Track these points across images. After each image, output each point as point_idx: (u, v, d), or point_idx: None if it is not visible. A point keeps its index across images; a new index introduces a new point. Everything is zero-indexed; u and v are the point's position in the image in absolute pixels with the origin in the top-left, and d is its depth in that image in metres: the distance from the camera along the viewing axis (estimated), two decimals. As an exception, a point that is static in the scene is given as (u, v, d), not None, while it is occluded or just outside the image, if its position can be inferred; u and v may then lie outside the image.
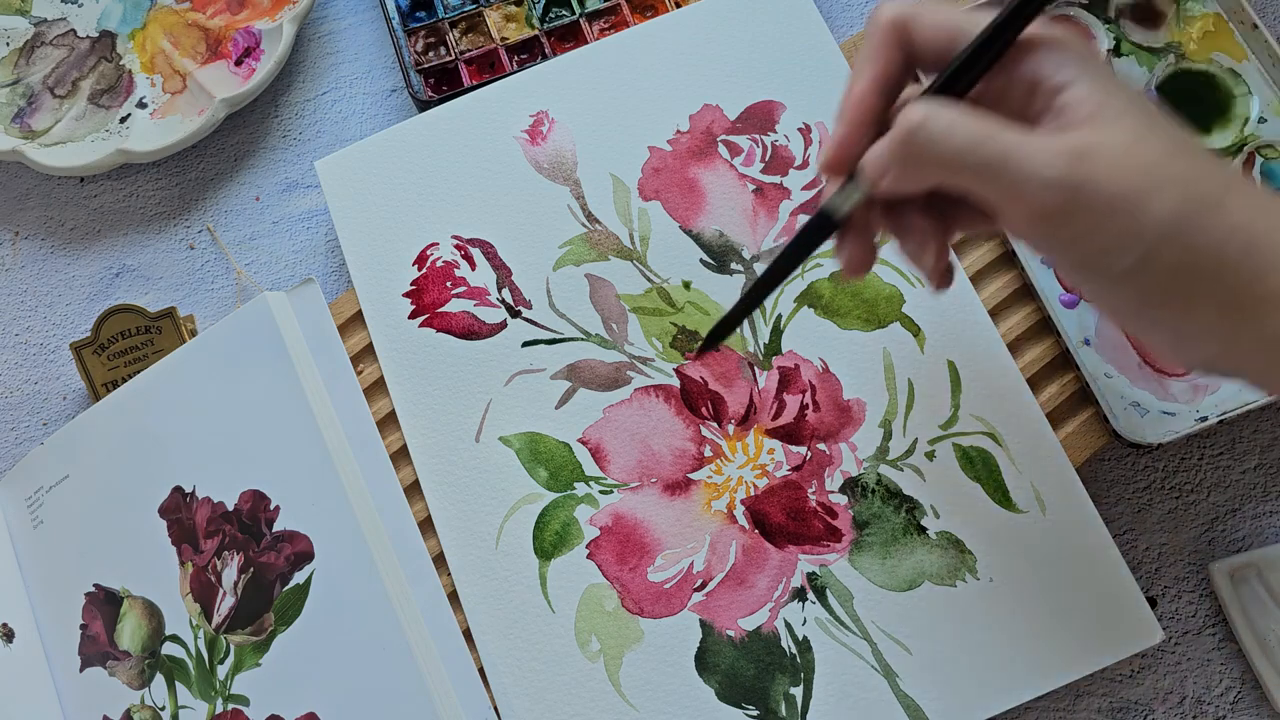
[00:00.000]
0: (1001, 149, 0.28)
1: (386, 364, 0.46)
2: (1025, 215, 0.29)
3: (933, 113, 0.29)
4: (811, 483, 0.43)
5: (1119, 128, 0.28)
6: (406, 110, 0.55)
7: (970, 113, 0.29)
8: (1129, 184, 0.28)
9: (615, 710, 0.40)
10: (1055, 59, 0.30)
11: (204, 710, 0.43)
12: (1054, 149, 0.28)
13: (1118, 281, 0.29)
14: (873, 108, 0.32)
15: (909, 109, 0.30)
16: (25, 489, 0.48)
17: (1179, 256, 0.28)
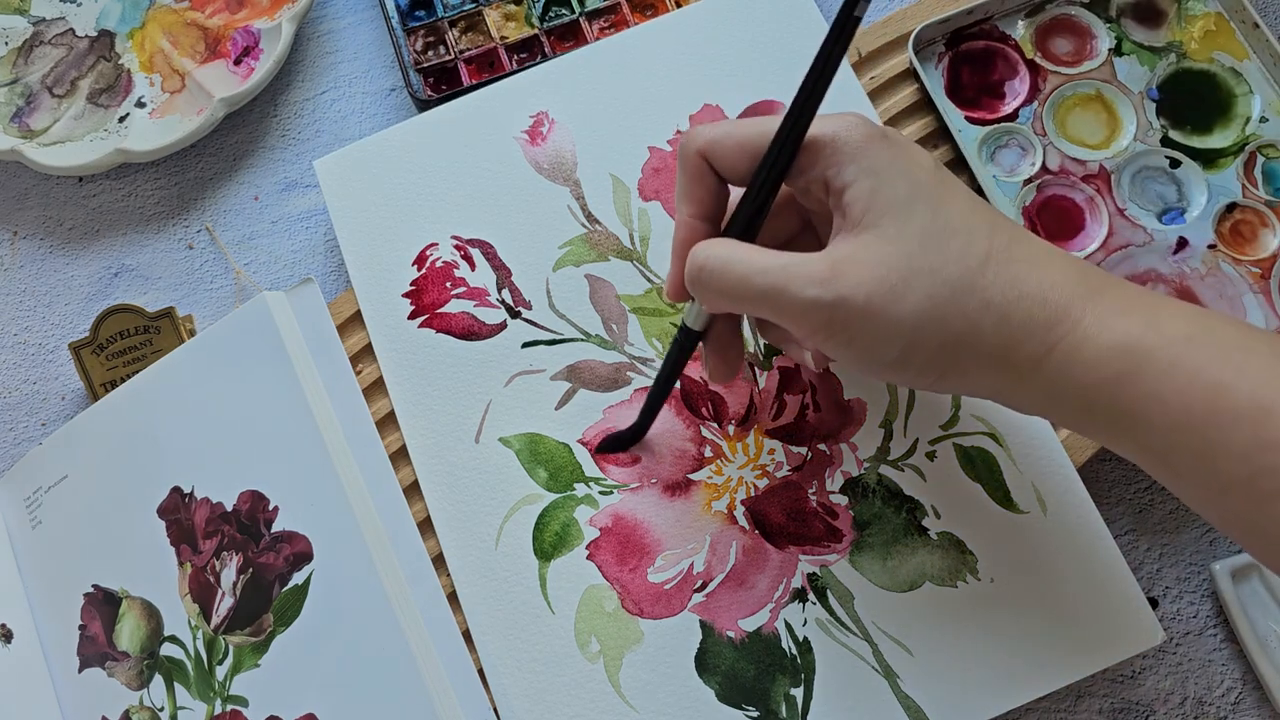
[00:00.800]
0: (770, 281, 0.32)
1: (386, 364, 0.46)
2: (802, 331, 0.32)
3: (707, 255, 0.33)
4: (812, 483, 0.43)
5: (874, 233, 0.31)
6: (406, 110, 0.55)
7: (743, 250, 0.33)
8: (876, 291, 0.31)
9: (615, 711, 0.40)
10: (836, 159, 0.32)
11: (203, 711, 0.43)
12: (811, 273, 0.31)
13: (894, 369, 0.32)
14: (700, 237, 0.35)
15: (693, 251, 0.34)
16: (24, 489, 0.48)
17: (938, 340, 0.31)
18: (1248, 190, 0.46)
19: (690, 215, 0.35)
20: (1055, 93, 0.49)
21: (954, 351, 0.31)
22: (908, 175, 0.32)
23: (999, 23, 0.50)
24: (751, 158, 0.34)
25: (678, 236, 0.36)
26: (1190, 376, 0.29)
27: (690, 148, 0.35)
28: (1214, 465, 0.29)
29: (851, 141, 0.32)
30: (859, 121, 0.32)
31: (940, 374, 0.32)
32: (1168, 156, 0.47)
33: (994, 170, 0.48)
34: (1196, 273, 0.45)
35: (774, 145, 0.33)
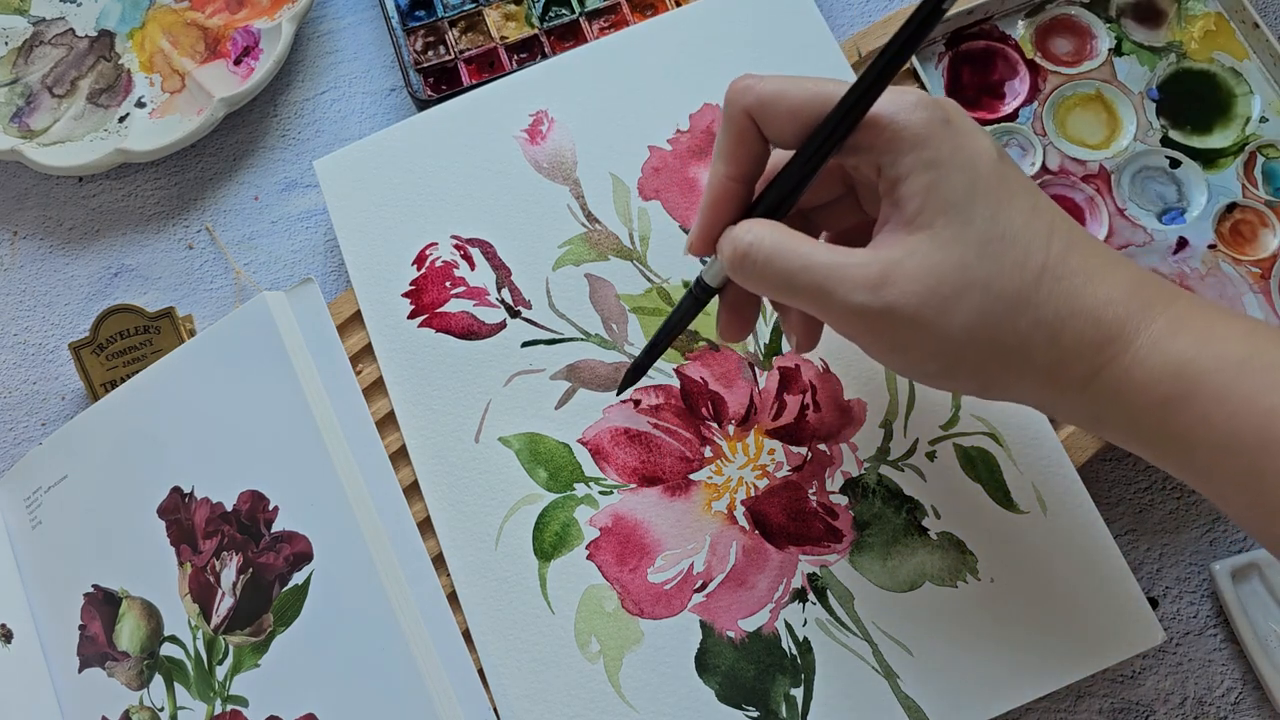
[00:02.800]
0: (817, 280, 0.30)
1: (385, 364, 0.46)
2: (845, 331, 0.32)
3: (756, 240, 0.31)
4: (812, 483, 0.43)
5: (928, 235, 0.30)
6: (406, 109, 0.55)
7: (791, 241, 0.31)
8: (927, 302, 0.29)
9: (615, 711, 0.40)
10: (893, 146, 0.30)
11: (203, 711, 0.43)
12: (860, 277, 0.30)
13: (937, 378, 0.32)
14: (733, 197, 0.33)
15: (736, 232, 0.32)
16: (24, 489, 0.48)
17: (986, 355, 0.30)
18: (1248, 190, 0.46)
19: (726, 175, 0.33)
20: (1055, 93, 0.49)
21: (1001, 366, 0.30)
22: (969, 169, 0.30)
23: (999, 23, 0.50)
24: (803, 125, 0.31)
25: (710, 194, 0.33)
26: (1242, 402, 0.28)
27: (738, 104, 0.32)
28: (1262, 489, 0.28)
29: (911, 127, 0.30)
30: (920, 102, 0.30)
31: (984, 385, 0.32)
32: (1168, 156, 0.47)
33: (994, 170, 0.48)
34: (1196, 273, 0.45)
35: (827, 123, 0.31)
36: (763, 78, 0.32)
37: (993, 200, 0.30)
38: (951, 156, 0.30)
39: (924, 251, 0.30)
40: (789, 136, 0.32)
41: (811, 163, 0.31)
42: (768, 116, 0.32)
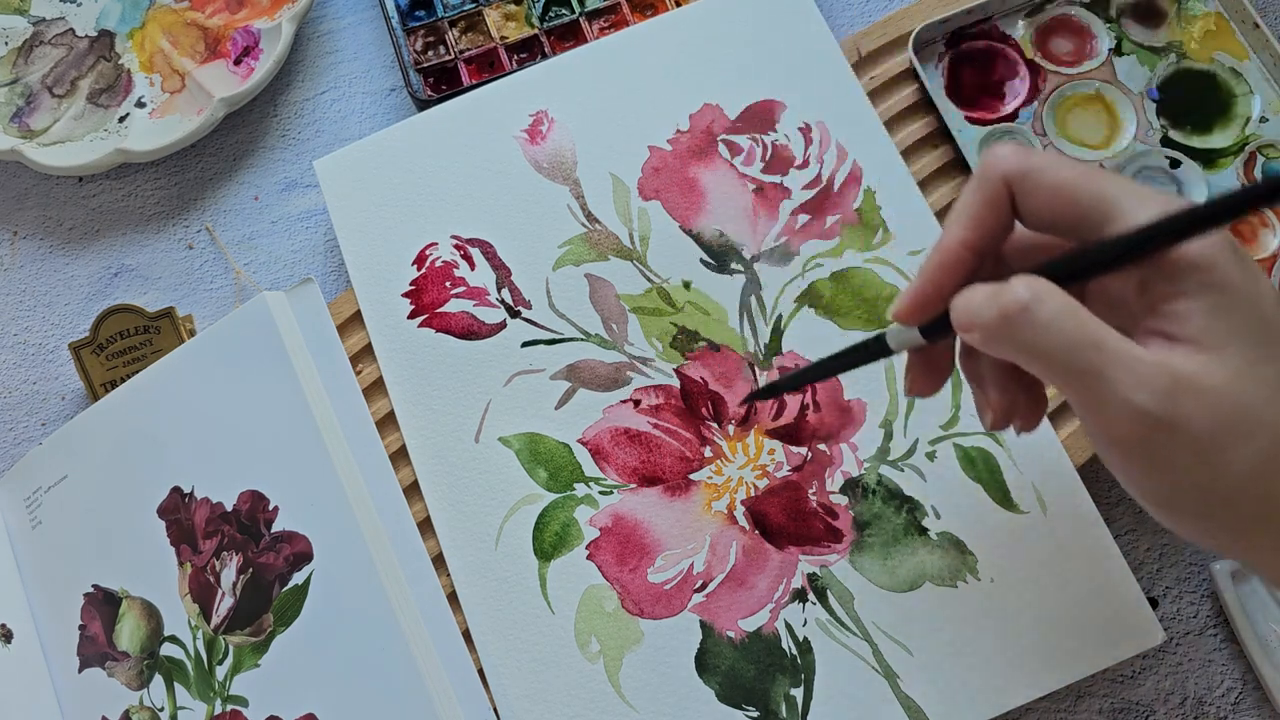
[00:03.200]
0: (1098, 363, 0.27)
1: (385, 364, 0.46)
2: (1103, 433, 0.28)
3: (1038, 299, 0.27)
4: (812, 483, 0.43)
5: (1224, 357, 0.26)
6: (406, 109, 0.55)
7: (1075, 310, 0.27)
8: (1218, 427, 0.26)
9: (615, 711, 0.40)
10: (1173, 266, 0.27)
11: (203, 711, 0.43)
12: (1150, 375, 0.26)
13: (1181, 517, 0.28)
14: (963, 267, 0.30)
15: (1016, 285, 0.27)
16: (24, 489, 0.48)
17: (1253, 509, 0.27)
18: (1248, 190, 0.46)
19: (963, 241, 0.30)
20: (1055, 93, 0.49)
21: (1261, 525, 0.27)
22: (1256, 304, 0.27)
23: (999, 23, 0.50)
24: (1065, 206, 0.28)
25: (939, 257, 0.30)
26: None
27: (997, 169, 0.29)
28: None
29: (1197, 248, 0.27)
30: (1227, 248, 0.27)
31: (1229, 541, 0.28)
32: (1168, 156, 0.47)
33: (994, 170, 0.48)
34: (1196, 273, 0.45)
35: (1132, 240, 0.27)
36: (1028, 150, 0.29)
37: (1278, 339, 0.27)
38: (1241, 285, 0.27)
39: (1219, 375, 0.26)
40: (1044, 216, 0.29)
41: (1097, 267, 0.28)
42: (1028, 188, 0.29)
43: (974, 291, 0.28)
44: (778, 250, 0.46)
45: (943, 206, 0.47)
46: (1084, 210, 0.28)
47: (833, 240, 0.46)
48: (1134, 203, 0.27)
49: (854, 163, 0.47)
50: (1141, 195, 0.28)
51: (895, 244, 0.46)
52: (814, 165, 0.47)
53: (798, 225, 0.46)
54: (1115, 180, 0.28)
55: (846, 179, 0.47)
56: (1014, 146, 0.29)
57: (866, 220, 0.46)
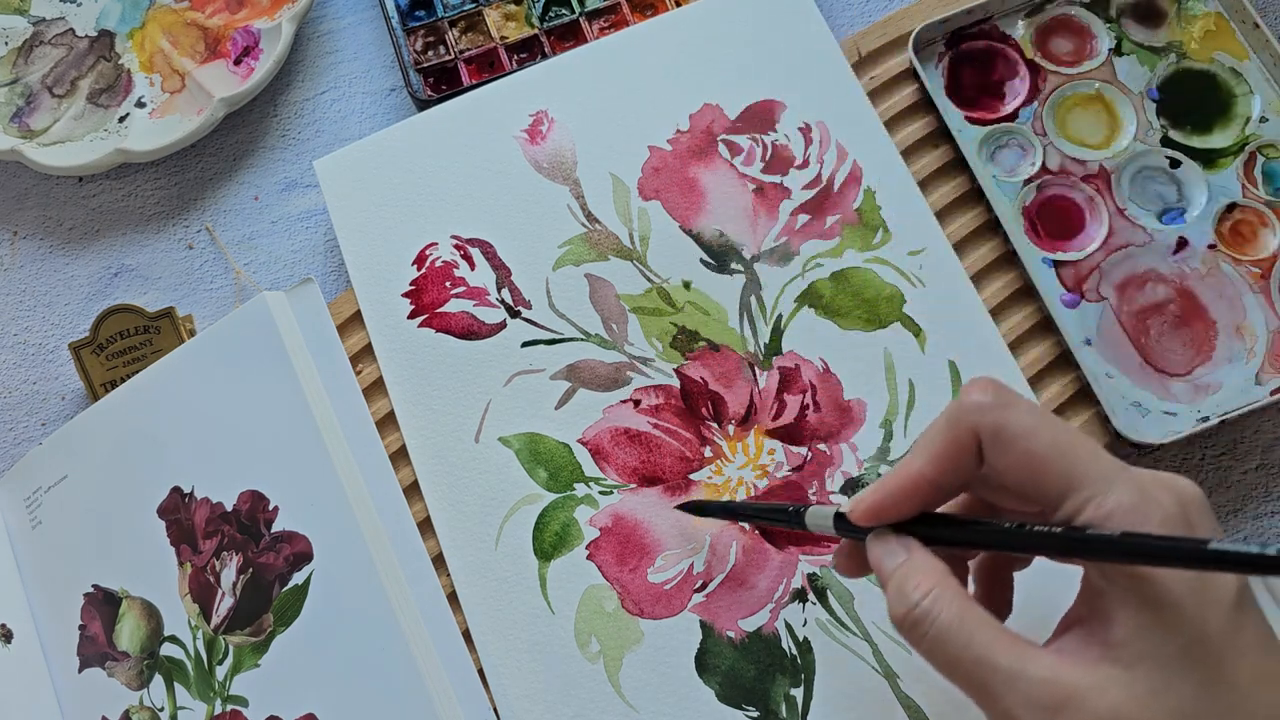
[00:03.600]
0: (986, 680, 0.27)
1: (385, 364, 0.46)
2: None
3: (929, 613, 0.27)
4: (812, 483, 0.43)
5: (1130, 677, 0.25)
6: (406, 109, 0.55)
7: (970, 624, 0.27)
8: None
9: (615, 711, 0.40)
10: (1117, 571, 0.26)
11: (203, 711, 0.43)
12: (1036, 695, 0.26)
13: None
14: (922, 498, 0.29)
15: (911, 589, 0.28)
16: (24, 489, 0.48)
17: None
18: (1248, 190, 0.46)
19: (925, 477, 0.29)
20: (1055, 93, 0.49)
21: None
22: (1190, 626, 0.25)
23: (999, 23, 0.50)
24: (1029, 476, 0.27)
25: (898, 482, 0.29)
26: None
27: (967, 421, 0.28)
28: None
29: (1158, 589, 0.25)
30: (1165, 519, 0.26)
31: None
32: (1168, 156, 0.47)
33: (994, 170, 0.48)
34: (1196, 273, 0.45)
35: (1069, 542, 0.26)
36: (1010, 403, 0.28)
37: (1211, 665, 0.25)
38: (1177, 604, 0.25)
39: (1112, 698, 0.25)
40: (1007, 477, 0.28)
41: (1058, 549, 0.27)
42: (996, 448, 0.28)
43: (899, 578, 0.28)
44: (778, 250, 0.46)
45: (943, 206, 0.47)
46: (1045, 487, 0.27)
47: (833, 240, 0.46)
48: (1099, 488, 0.26)
49: (854, 163, 0.47)
50: (1109, 481, 0.26)
51: (895, 244, 0.46)
52: (814, 165, 0.47)
53: (798, 225, 0.46)
54: (1086, 461, 0.27)
55: (846, 179, 0.47)
56: (992, 393, 0.28)
57: (866, 220, 0.46)
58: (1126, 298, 0.45)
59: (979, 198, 0.47)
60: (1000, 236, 0.46)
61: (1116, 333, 0.45)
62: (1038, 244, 0.46)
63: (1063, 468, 0.27)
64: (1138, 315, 0.45)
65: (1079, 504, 0.26)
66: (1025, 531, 0.27)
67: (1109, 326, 0.45)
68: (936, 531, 0.29)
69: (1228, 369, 0.44)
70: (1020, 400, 0.28)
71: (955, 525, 0.29)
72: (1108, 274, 0.46)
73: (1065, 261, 0.46)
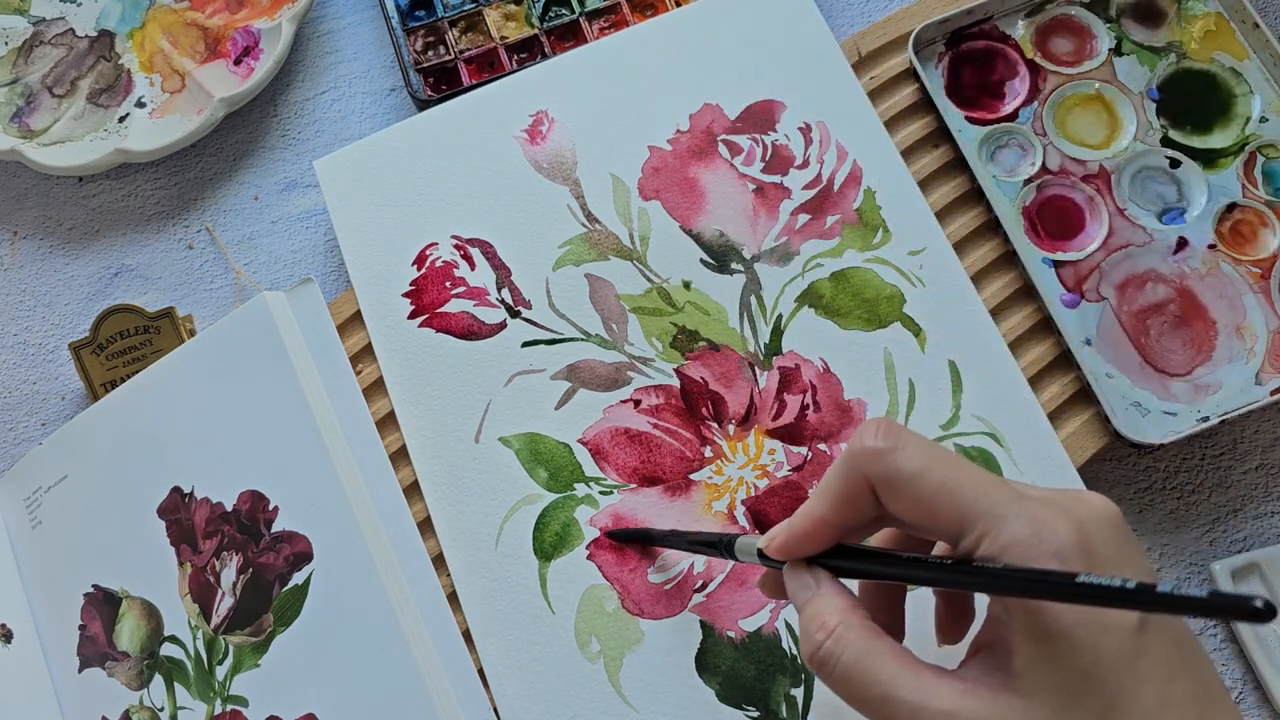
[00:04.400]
0: (890, 713, 0.27)
1: (385, 364, 0.46)
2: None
3: (834, 652, 0.28)
4: (812, 483, 0.43)
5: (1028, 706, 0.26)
6: (406, 109, 0.55)
7: (875, 660, 0.28)
8: None
9: (615, 711, 0.40)
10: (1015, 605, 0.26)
11: (203, 711, 0.43)
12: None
13: None
14: (825, 539, 0.30)
15: (815, 629, 0.29)
16: (24, 489, 0.48)
17: None
18: (1248, 190, 0.46)
19: (824, 520, 0.30)
20: (1055, 93, 0.49)
21: None
22: (1086, 655, 0.25)
23: (999, 23, 0.50)
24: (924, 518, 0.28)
25: (804, 525, 0.30)
26: None
27: (860, 470, 0.28)
28: None
29: None
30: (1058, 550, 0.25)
31: None
32: (1168, 156, 0.47)
33: (994, 170, 0.48)
34: (1196, 273, 0.45)
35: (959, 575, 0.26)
36: (898, 447, 0.28)
37: (1109, 694, 0.25)
38: (1070, 634, 0.25)
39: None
40: (907, 517, 0.28)
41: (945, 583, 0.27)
42: (890, 494, 0.28)
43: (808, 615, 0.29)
44: (778, 250, 0.46)
45: (943, 206, 0.47)
46: (940, 527, 0.28)
47: (833, 240, 0.46)
48: (991, 524, 0.26)
49: (854, 163, 0.47)
50: (1000, 516, 0.26)
51: (895, 244, 0.46)
52: (814, 165, 0.47)
53: (798, 225, 0.46)
54: (976, 498, 0.27)
55: (846, 179, 0.47)
56: (882, 437, 0.28)
57: (866, 220, 0.46)
58: (1126, 298, 0.45)
59: (979, 198, 0.47)
60: (1000, 236, 0.46)
61: (1116, 333, 0.45)
62: (1038, 244, 0.46)
63: (953, 508, 0.27)
64: (1138, 315, 0.45)
65: (974, 540, 0.26)
66: (921, 564, 0.28)
67: (1109, 326, 0.45)
68: (844, 564, 0.30)
69: (1228, 369, 0.44)
70: (910, 442, 0.28)
71: (861, 557, 0.30)
72: (1108, 274, 0.46)
73: (1065, 261, 0.46)
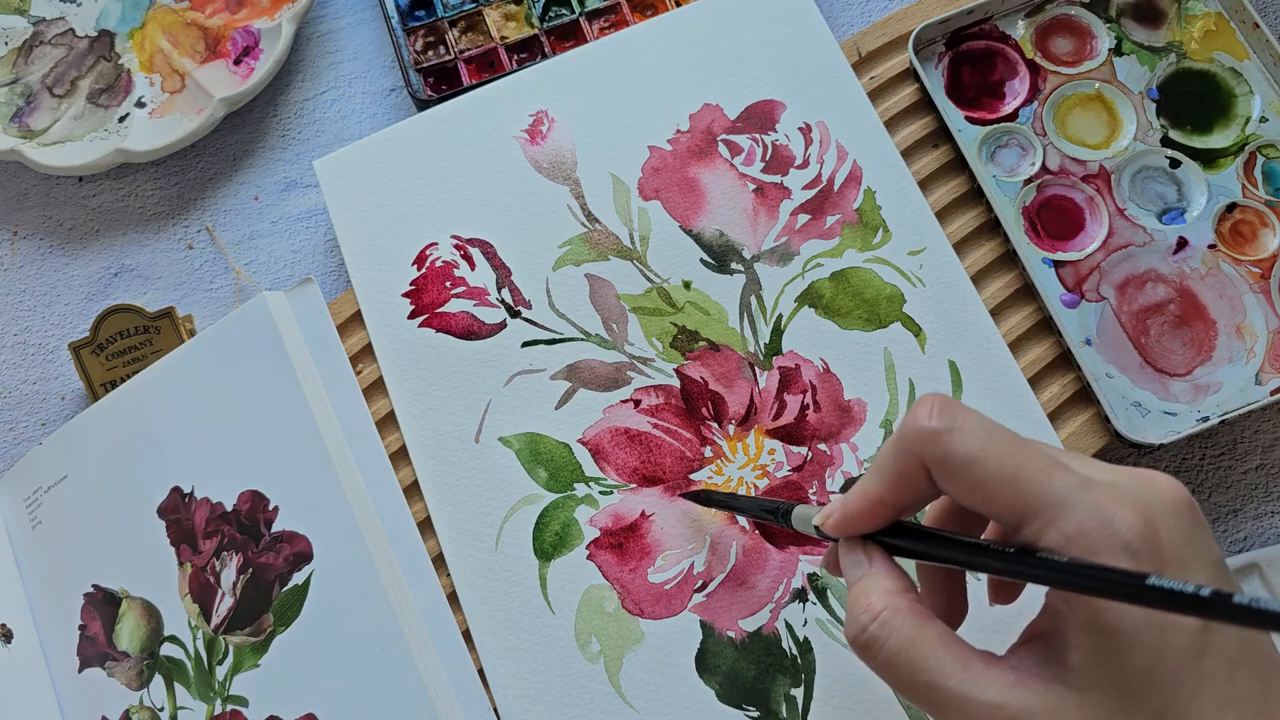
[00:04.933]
0: (933, 700, 0.26)
1: (385, 364, 0.46)
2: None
3: (884, 632, 0.27)
4: (812, 483, 0.43)
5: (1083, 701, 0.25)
6: (406, 109, 0.55)
7: (923, 646, 0.27)
8: None
9: (615, 711, 0.40)
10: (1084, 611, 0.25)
11: (203, 711, 0.43)
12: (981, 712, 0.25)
13: None
14: (879, 518, 0.29)
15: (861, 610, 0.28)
16: (24, 489, 0.48)
17: None
18: (1248, 190, 0.46)
19: (880, 499, 0.29)
20: (1055, 93, 0.49)
21: None
22: (1154, 650, 0.24)
23: (999, 23, 0.50)
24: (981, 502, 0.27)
25: (858, 503, 0.29)
26: None
27: (915, 453, 0.27)
28: None
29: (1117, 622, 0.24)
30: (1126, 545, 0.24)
31: None
32: (1168, 156, 0.47)
33: (994, 170, 0.48)
34: (1196, 273, 0.45)
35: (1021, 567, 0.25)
36: (954, 427, 0.27)
37: (1168, 693, 0.24)
38: (1131, 632, 0.24)
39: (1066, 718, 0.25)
40: (965, 499, 0.27)
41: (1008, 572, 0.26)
42: (944, 477, 0.27)
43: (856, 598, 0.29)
44: (778, 250, 0.46)
45: (943, 206, 0.47)
46: (998, 513, 0.27)
47: (833, 240, 0.46)
48: (1056, 513, 0.25)
49: (854, 163, 0.47)
50: (1064, 505, 0.25)
51: (895, 244, 0.46)
52: (814, 165, 0.47)
53: (798, 225, 0.46)
54: (1038, 486, 0.26)
55: (846, 179, 0.47)
56: (936, 417, 0.27)
57: (866, 220, 0.46)
58: (1126, 298, 0.45)
59: (979, 198, 0.47)
60: (1000, 236, 0.46)
61: (1116, 333, 0.45)
62: (1038, 244, 0.46)
63: (1012, 494, 0.26)
64: (1138, 315, 0.45)
65: (1037, 530, 0.25)
66: (981, 550, 0.27)
67: (1109, 326, 0.45)
68: (901, 543, 0.29)
69: (1228, 369, 0.44)
70: (967, 422, 0.27)
71: (919, 538, 0.29)
72: (1108, 274, 0.46)
73: (1065, 261, 0.46)
